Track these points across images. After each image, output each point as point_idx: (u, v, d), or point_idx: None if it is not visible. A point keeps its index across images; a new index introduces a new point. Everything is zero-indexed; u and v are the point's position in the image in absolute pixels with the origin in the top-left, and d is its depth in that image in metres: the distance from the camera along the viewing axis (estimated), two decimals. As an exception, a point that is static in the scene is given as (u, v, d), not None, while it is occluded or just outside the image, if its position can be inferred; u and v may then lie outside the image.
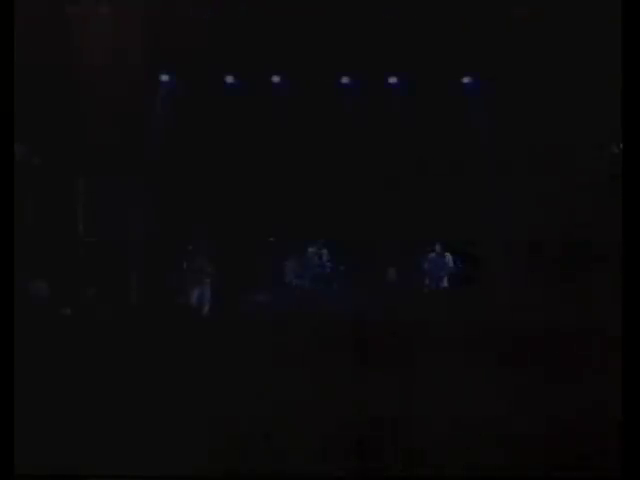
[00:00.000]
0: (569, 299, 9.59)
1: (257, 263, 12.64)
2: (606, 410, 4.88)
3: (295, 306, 11.70)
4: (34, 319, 6.93)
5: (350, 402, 5.49)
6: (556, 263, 11.67)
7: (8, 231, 4.92)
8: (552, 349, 5.44)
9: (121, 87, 11.64)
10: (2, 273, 4.77)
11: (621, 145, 10.06)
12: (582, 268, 11.17)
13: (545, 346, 5.99)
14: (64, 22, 11.09)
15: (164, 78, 13.03)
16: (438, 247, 12.40)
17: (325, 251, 12.51)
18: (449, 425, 5.14)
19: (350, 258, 12.57)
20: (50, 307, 9.44)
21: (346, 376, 5.84)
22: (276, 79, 13.14)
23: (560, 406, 5.41)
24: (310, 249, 12.48)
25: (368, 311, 10.68)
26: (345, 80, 13.21)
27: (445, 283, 12.42)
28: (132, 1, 11.28)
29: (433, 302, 11.77)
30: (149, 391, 5.64)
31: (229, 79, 13.19)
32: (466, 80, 13.10)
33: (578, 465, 4.49)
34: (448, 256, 12.39)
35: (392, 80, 13.21)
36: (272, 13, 11.69)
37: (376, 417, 5.31)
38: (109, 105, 11.64)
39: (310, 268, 12.41)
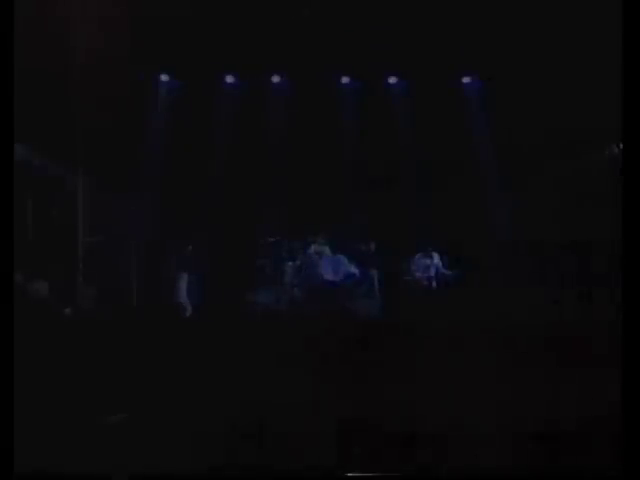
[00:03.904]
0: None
1: (255, 263, 12.68)
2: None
3: None
4: (33, 318, 6.93)
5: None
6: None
7: (8, 231, 4.92)
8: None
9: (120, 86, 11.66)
10: (2, 273, 4.76)
11: (621, 145, 10.07)
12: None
13: None
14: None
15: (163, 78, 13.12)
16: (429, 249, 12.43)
17: (326, 249, 12.52)
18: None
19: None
20: (49, 307, 9.43)
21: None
22: (276, 79, 13.20)
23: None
24: (310, 249, 12.50)
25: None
26: (345, 80, 13.27)
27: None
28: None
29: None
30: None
31: (229, 79, 13.25)
32: (466, 80, 13.15)
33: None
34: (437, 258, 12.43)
35: (392, 80, 13.27)
36: (272, 12, 11.70)
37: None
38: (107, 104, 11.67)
39: (311, 267, 12.42)
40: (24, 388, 4.78)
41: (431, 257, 12.38)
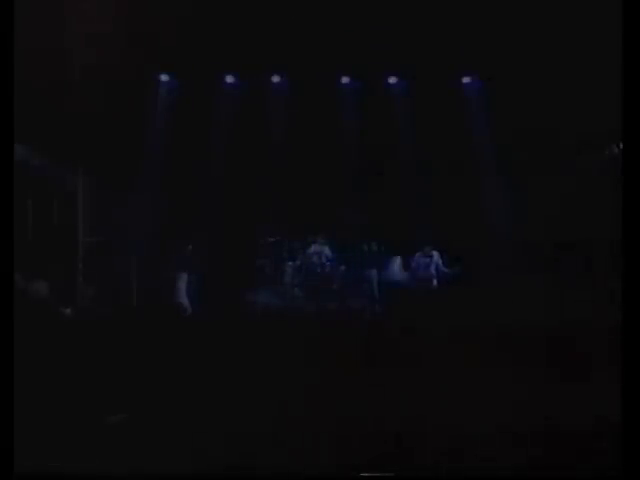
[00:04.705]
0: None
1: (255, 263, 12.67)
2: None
3: None
4: (33, 318, 6.93)
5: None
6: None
7: (8, 231, 4.92)
8: None
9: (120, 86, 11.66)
10: (2, 273, 4.76)
11: (621, 145, 10.07)
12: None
13: None
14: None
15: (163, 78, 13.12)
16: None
17: (326, 249, 12.52)
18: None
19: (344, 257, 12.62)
20: (49, 307, 9.42)
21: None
22: (276, 79, 13.20)
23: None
24: (311, 249, 12.51)
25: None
26: (345, 80, 13.27)
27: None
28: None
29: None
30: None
31: (229, 79, 13.26)
32: (466, 80, 13.15)
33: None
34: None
35: (392, 80, 13.27)
36: (272, 12, 11.68)
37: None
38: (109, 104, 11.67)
39: (311, 267, 12.41)
40: (24, 388, 4.78)
41: (431, 256, 12.40)
